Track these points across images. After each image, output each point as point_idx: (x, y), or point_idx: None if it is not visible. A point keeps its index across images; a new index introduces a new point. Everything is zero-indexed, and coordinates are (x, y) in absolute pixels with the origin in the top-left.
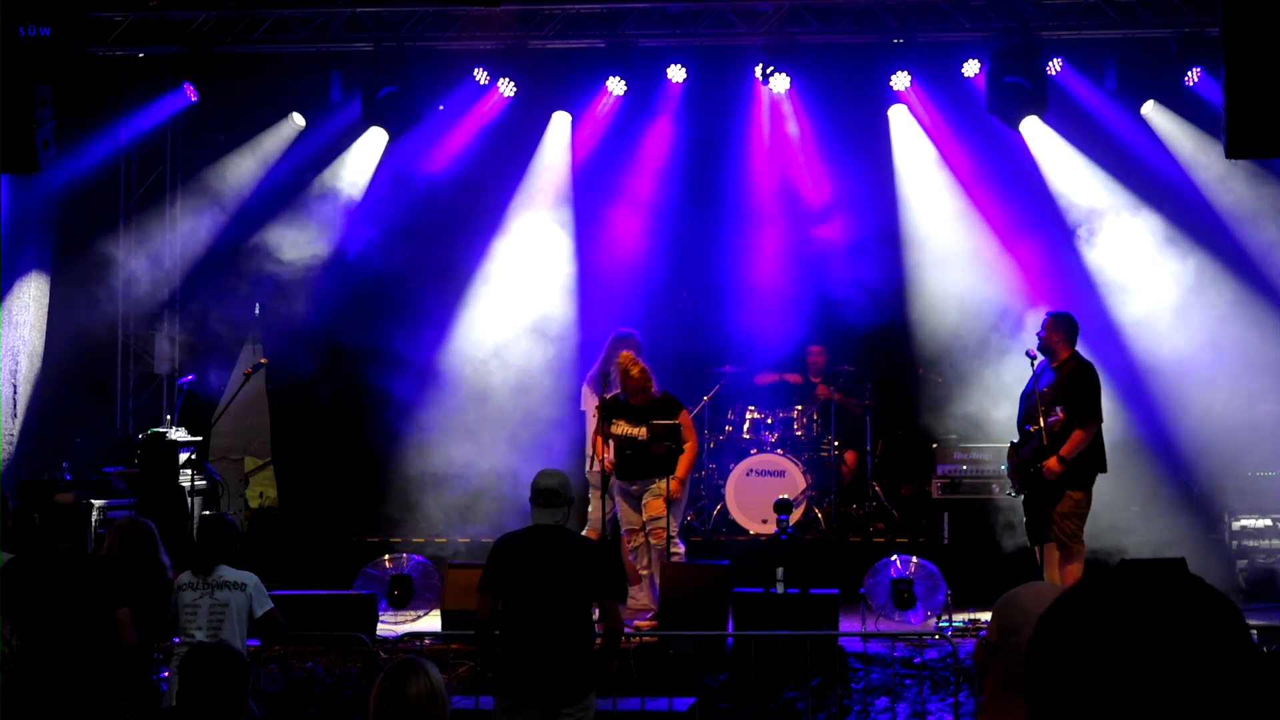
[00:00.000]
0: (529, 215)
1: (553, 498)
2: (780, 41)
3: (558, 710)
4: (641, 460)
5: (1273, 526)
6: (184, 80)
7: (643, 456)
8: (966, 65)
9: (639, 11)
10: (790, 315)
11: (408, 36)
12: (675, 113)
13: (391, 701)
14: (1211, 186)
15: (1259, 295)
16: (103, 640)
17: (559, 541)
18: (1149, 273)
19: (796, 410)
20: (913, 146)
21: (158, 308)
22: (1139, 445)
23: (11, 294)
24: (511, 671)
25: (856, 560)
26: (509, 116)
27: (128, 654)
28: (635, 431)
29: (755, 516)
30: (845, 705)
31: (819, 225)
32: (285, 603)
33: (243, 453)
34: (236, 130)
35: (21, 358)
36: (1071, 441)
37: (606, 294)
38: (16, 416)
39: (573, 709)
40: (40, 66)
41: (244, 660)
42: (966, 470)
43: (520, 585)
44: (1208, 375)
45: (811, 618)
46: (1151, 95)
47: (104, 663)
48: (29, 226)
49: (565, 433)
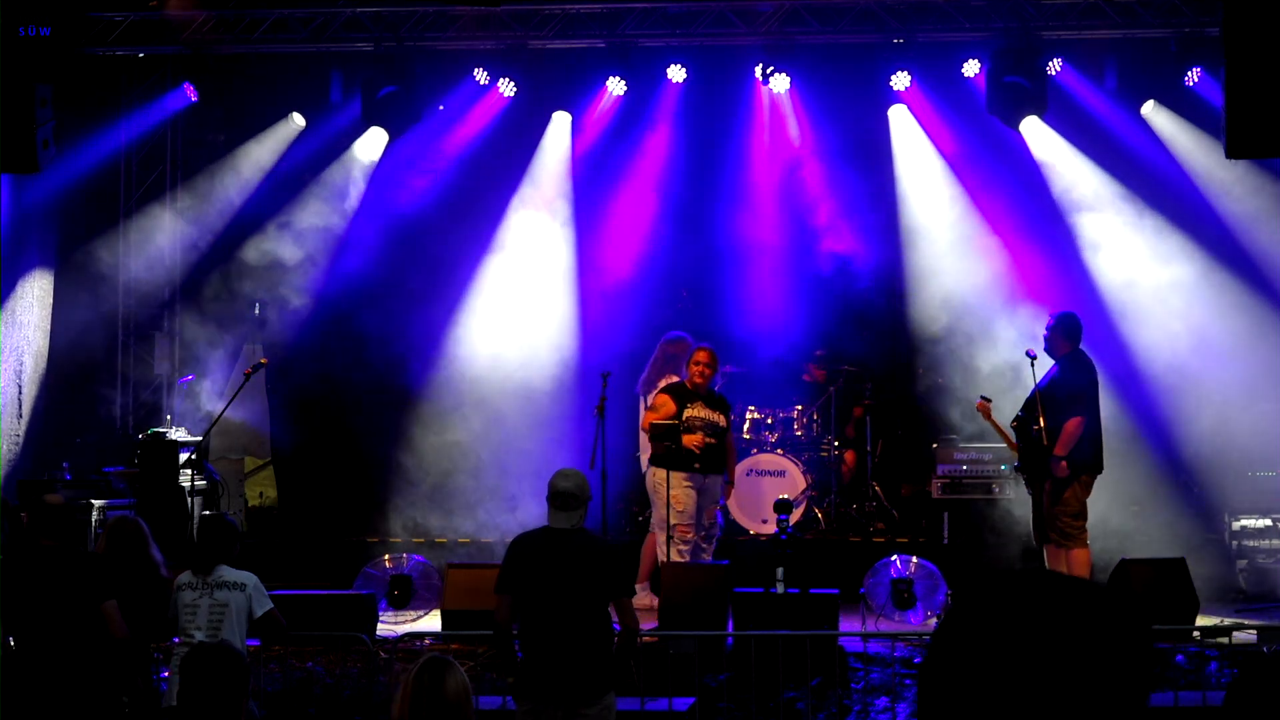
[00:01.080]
0: (529, 215)
1: (570, 500)
2: (780, 41)
3: (577, 711)
4: (719, 451)
5: (1273, 526)
6: (184, 80)
7: (721, 447)
8: (966, 65)
9: (639, 11)
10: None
11: (408, 36)
12: (675, 113)
13: (431, 697)
14: (1211, 186)
15: (1259, 295)
16: (92, 635)
17: (575, 543)
18: (1148, 272)
19: (796, 410)
20: (913, 146)
21: (158, 308)
22: (1139, 445)
23: (15, 294)
24: (531, 674)
25: (856, 560)
26: (509, 116)
27: (119, 648)
28: (714, 417)
29: (755, 516)
30: (845, 705)
31: (819, 225)
32: (285, 603)
33: (243, 453)
34: (236, 130)
35: (26, 358)
36: (1063, 436)
37: (606, 294)
38: (22, 417)
39: (592, 709)
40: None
41: (245, 660)
42: (966, 470)
43: (537, 587)
44: (1208, 375)
45: (811, 618)
46: (1151, 95)
47: (95, 657)
48: (30, 227)
49: (565, 432)
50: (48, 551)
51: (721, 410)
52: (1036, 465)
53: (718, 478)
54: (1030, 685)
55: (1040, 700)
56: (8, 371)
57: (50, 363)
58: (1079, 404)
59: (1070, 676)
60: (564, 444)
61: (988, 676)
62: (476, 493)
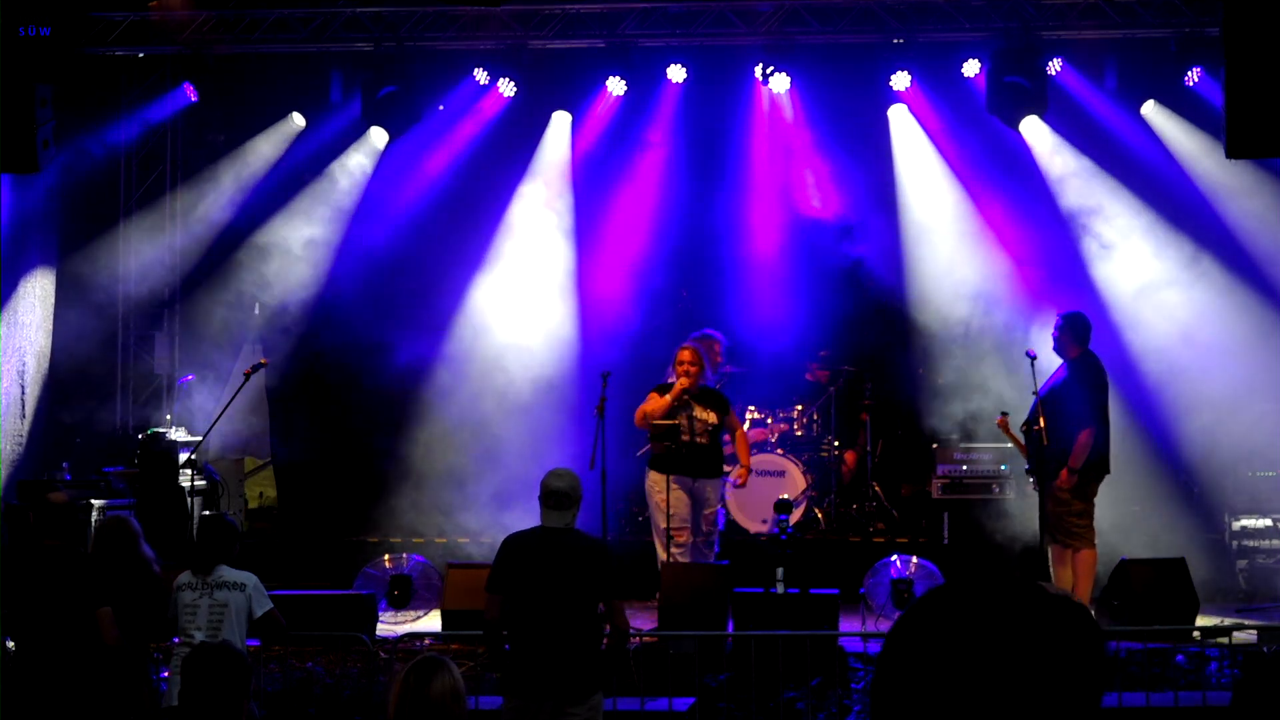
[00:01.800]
0: (529, 215)
1: (562, 500)
2: (780, 41)
3: (564, 709)
4: (711, 452)
5: (1273, 527)
6: (184, 80)
7: (712, 446)
8: (966, 65)
9: (639, 11)
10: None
11: (408, 36)
12: (675, 113)
13: (416, 697)
14: (1212, 186)
15: (1259, 295)
16: (88, 638)
17: (567, 542)
18: (1148, 272)
19: (797, 410)
20: (913, 146)
21: (158, 307)
22: (1139, 445)
23: (17, 294)
24: (518, 672)
25: (856, 560)
26: (509, 116)
27: (112, 653)
28: (705, 415)
29: (755, 516)
30: (845, 705)
31: (819, 225)
32: (285, 603)
33: (243, 453)
34: (236, 130)
35: (29, 358)
36: (1076, 449)
37: (606, 294)
38: (26, 417)
39: (579, 708)
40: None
41: (245, 660)
42: (966, 470)
43: (528, 586)
44: (1208, 375)
45: (811, 618)
46: (1151, 95)
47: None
48: (30, 227)
49: (565, 432)
50: (50, 552)
51: (715, 407)
52: (1037, 465)
53: (712, 481)
54: (977, 687)
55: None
56: (10, 372)
57: (51, 363)
58: (1090, 413)
59: (1019, 680)
60: (564, 444)
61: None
62: (476, 493)
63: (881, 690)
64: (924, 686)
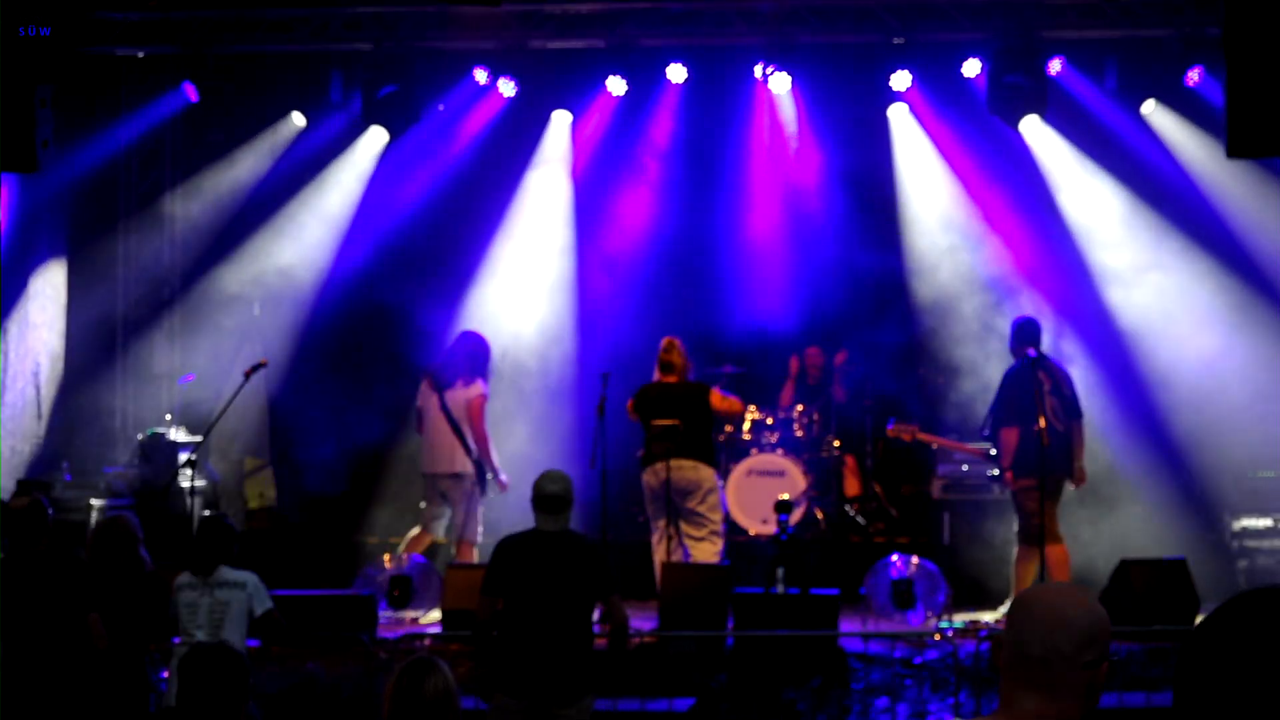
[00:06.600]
0: (529, 215)
1: (556, 503)
2: (780, 41)
3: (554, 711)
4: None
5: (1273, 527)
6: (184, 80)
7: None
8: (967, 65)
9: (639, 11)
10: (790, 314)
11: (408, 36)
12: (675, 113)
13: (409, 698)
14: (1212, 186)
15: (1259, 295)
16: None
17: (561, 545)
18: (1148, 272)
19: (797, 410)
20: (913, 146)
21: (158, 307)
22: (1139, 445)
23: (26, 294)
24: (509, 672)
25: (856, 560)
26: (509, 116)
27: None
28: (669, 422)
29: (755, 516)
30: (845, 705)
31: (819, 225)
32: (285, 603)
33: (242, 453)
34: (236, 130)
35: (43, 359)
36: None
37: (606, 293)
38: (42, 417)
39: (569, 710)
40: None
41: (245, 660)
42: (966, 470)
43: (522, 588)
44: (1207, 375)
45: (811, 618)
46: (1152, 95)
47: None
48: (33, 227)
49: (565, 432)
50: (40, 557)
51: (682, 404)
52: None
53: (688, 463)
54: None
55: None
56: (24, 373)
57: (66, 363)
58: (1009, 415)
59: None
60: (564, 444)
61: (1244, 687)
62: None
63: (1194, 687)
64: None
